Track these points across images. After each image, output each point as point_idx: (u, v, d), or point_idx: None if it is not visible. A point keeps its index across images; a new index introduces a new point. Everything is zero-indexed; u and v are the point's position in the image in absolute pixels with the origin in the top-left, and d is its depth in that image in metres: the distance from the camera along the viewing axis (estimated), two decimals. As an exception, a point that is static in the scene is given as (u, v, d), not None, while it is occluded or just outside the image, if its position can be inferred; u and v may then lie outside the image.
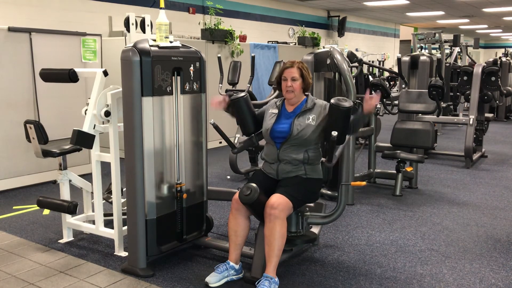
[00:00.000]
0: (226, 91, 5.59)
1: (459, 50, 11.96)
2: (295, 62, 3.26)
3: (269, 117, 3.33)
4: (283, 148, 3.20)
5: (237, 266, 3.19)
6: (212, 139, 7.36)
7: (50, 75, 3.77)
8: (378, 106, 5.81)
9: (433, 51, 11.23)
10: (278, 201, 2.99)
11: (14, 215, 4.57)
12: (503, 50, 16.35)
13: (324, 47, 5.51)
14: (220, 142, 7.89)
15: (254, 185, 3.03)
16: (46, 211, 4.64)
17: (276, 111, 3.32)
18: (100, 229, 3.74)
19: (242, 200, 3.03)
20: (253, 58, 5.77)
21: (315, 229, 3.71)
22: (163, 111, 3.29)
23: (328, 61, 4.92)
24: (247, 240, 3.85)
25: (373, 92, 5.66)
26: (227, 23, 8.75)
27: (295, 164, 3.18)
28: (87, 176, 4.11)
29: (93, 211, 3.93)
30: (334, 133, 2.96)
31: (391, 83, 13.11)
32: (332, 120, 3.08)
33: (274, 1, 12.44)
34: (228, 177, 6.07)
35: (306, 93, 3.32)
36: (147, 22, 6.37)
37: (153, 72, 3.15)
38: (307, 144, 3.19)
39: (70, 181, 3.88)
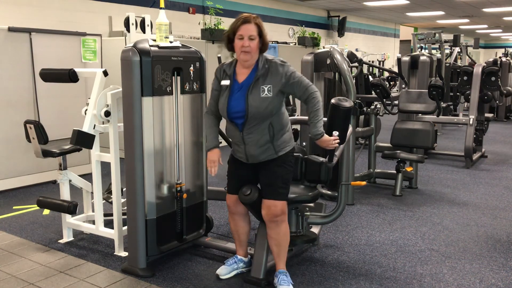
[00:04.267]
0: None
1: (459, 50, 11.96)
2: (251, 16, 2.84)
3: (223, 92, 2.94)
4: (246, 129, 2.88)
5: (246, 259, 3.29)
6: (212, 139, 7.34)
7: (50, 75, 3.76)
8: (378, 106, 5.80)
9: (433, 51, 11.24)
10: (276, 209, 2.94)
11: (14, 215, 4.57)
12: (503, 50, 16.36)
13: (324, 47, 5.52)
14: (220, 142, 7.87)
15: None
16: (46, 211, 4.64)
17: (227, 82, 2.92)
18: (100, 229, 3.74)
19: (242, 200, 3.03)
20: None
21: (315, 229, 3.71)
22: (163, 111, 3.29)
23: (328, 61, 4.92)
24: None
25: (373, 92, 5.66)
26: (227, 23, 8.72)
27: (262, 145, 2.89)
28: (87, 176, 4.11)
29: (93, 211, 3.93)
30: (335, 133, 2.96)
31: (391, 83, 13.11)
32: (332, 120, 3.07)
33: (274, 1, 12.43)
34: (228, 177, 6.06)
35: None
36: (147, 22, 6.38)
37: (153, 72, 3.15)
38: (269, 116, 2.86)
39: (70, 181, 3.88)
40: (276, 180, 2.96)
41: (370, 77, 8.40)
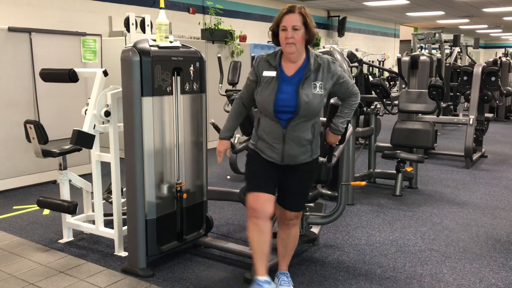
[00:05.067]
0: (226, 91, 5.59)
1: (459, 50, 11.96)
2: (296, 6, 2.62)
3: (266, 83, 2.68)
4: (290, 126, 2.65)
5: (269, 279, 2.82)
6: (212, 139, 7.34)
7: (50, 75, 3.76)
8: (378, 106, 5.81)
9: (433, 51, 11.23)
10: (291, 215, 2.89)
11: (14, 215, 4.57)
12: (503, 50, 16.36)
13: (324, 47, 5.51)
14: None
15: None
16: (46, 211, 4.64)
17: (273, 73, 2.67)
18: (100, 229, 3.74)
19: (242, 201, 3.03)
20: (253, 58, 5.77)
21: (315, 229, 3.71)
22: (163, 111, 3.29)
23: (328, 61, 4.91)
24: (246, 240, 3.86)
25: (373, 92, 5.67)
26: (227, 23, 8.75)
27: (303, 145, 2.71)
28: (87, 176, 4.11)
29: (93, 211, 3.93)
30: None
31: (391, 83, 13.10)
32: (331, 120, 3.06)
33: (274, 1, 12.43)
34: (228, 177, 6.07)
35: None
36: (147, 22, 6.38)
37: (153, 72, 3.15)
38: (316, 115, 2.70)
39: (70, 181, 3.88)
40: (303, 191, 2.89)
41: (370, 77, 8.40)
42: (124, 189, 3.52)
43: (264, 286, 2.73)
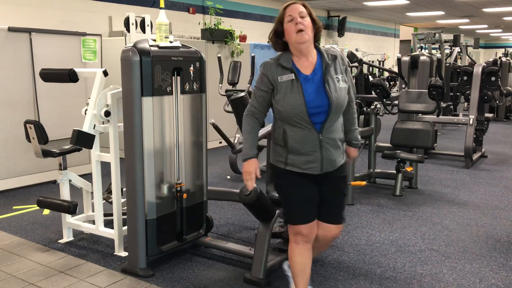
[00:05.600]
0: (226, 91, 5.59)
1: (459, 50, 11.96)
2: (296, 1, 2.49)
3: (286, 89, 2.44)
4: (325, 129, 2.46)
5: None
6: (212, 139, 7.36)
7: (50, 75, 3.77)
8: (378, 106, 5.81)
9: (433, 51, 11.24)
10: (337, 231, 2.68)
11: (14, 215, 4.57)
12: (503, 50, 16.36)
13: (324, 47, 5.51)
14: (220, 142, 7.89)
15: (254, 185, 3.01)
16: (46, 211, 4.64)
17: (291, 76, 2.45)
18: (100, 229, 3.74)
19: (242, 201, 3.02)
20: (253, 58, 5.77)
21: (315, 229, 3.71)
22: (163, 111, 3.29)
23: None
24: (247, 240, 3.87)
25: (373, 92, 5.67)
26: (227, 23, 8.75)
27: (339, 146, 2.54)
28: (87, 176, 4.11)
29: (93, 211, 3.93)
30: None
31: (391, 83, 13.11)
32: None
33: (274, 1, 12.43)
34: (228, 177, 6.07)
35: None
36: (147, 22, 6.39)
37: (153, 72, 3.15)
38: (341, 113, 2.57)
39: (70, 181, 3.88)
40: (341, 199, 2.66)
41: (370, 77, 8.41)
42: (124, 189, 3.52)
43: None
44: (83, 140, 3.40)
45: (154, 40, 3.32)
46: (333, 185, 2.59)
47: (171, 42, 3.36)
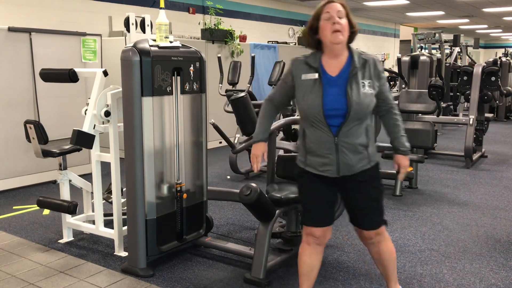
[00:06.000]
0: (226, 91, 5.59)
1: (459, 50, 11.96)
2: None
3: (308, 88, 2.45)
4: (342, 132, 2.41)
5: None
6: (212, 139, 7.36)
7: (50, 75, 3.77)
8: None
9: (433, 51, 11.24)
10: (370, 234, 2.61)
11: (14, 215, 4.57)
12: (503, 50, 16.35)
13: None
14: (220, 142, 7.89)
15: (254, 185, 3.02)
16: (46, 211, 4.64)
17: (315, 75, 2.43)
18: (100, 229, 3.74)
19: (242, 201, 3.02)
20: (253, 58, 5.78)
21: (315, 229, 3.70)
22: (163, 111, 3.29)
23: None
24: (247, 240, 3.87)
25: None
26: (227, 23, 8.75)
27: (359, 151, 2.46)
28: (87, 176, 4.11)
29: (93, 211, 3.93)
30: None
31: (391, 83, 13.10)
32: None
33: (274, 1, 12.43)
34: (228, 177, 6.07)
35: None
36: (147, 22, 6.38)
37: (153, 72, 3.15)
38: (367, 117, 2.48)
39: (70, 181, 3.88)
40: (370, 205, 2.55)
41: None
42: (124, 189, 3.52)
43: None
44: (83, 140, 3.40)
45: (154, 40, 3.32)
46: (358, 190, 2.51)
47: (171, 42, 3.36)
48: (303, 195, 2.61)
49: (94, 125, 3.50)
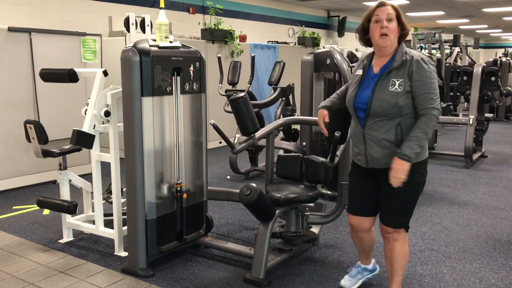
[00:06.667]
0: (226, 91, 5.59)
1: (459, 50, 11.96)
2: (386, 1, 2.57)
3: (354, 81, 2.67)
4: (368, 125, 2.55)
5: (370, 266, 3.13)
6: (212, 139, 7.36)
7: (50, 75, 3.77)
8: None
9: (433, 51, 11.23)
10: (387, 229, 2.68)
11: (14, 215, 4.57)
12: (503, 50, 16.36)
13: (324, 47, 5.52)
14: (220, 142, 7.89)
15: (254, 185, 3.02)
16: (46, 211, 4.64)
17: (361, 72, 2.65)
18: (100, 229, 3.74)
19: (242, 201, 3.02)
20: (253, 58, 5.77)
21: (315, 229, 3.71)
22: (163, 111, 3.29)
23: (328, 61, 4.93)
24: (247, 240, 3.87)
25: None
26: (227, 23, 8.75)
27: (385, 146, 2.51)
28: (87, 176, 4.11)
29: (93, 211, 3.93)
30: (338, 133, 2.94)
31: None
32: (333, 121, 3.05)
33: (274, 1, 12.43)
34: (228, 177, 6.07)
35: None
36: (147, 22, 6.38)
37: (153, 72, 3.15)
38: (397, 115, 2.48)
39: (70, 181, 3.88)
40: (394, 203, 2.59)
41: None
42: (124, 189, 3.52)
43: (361, 270, 3.09)
44: (83, 140, 3.40)
45: (154, 40, 3.32)
46: (386, 185, 2.55)
47: (171, 42, 3.36)
48: (349, 184, 2.86)
49: (94, 125, 3.50)
